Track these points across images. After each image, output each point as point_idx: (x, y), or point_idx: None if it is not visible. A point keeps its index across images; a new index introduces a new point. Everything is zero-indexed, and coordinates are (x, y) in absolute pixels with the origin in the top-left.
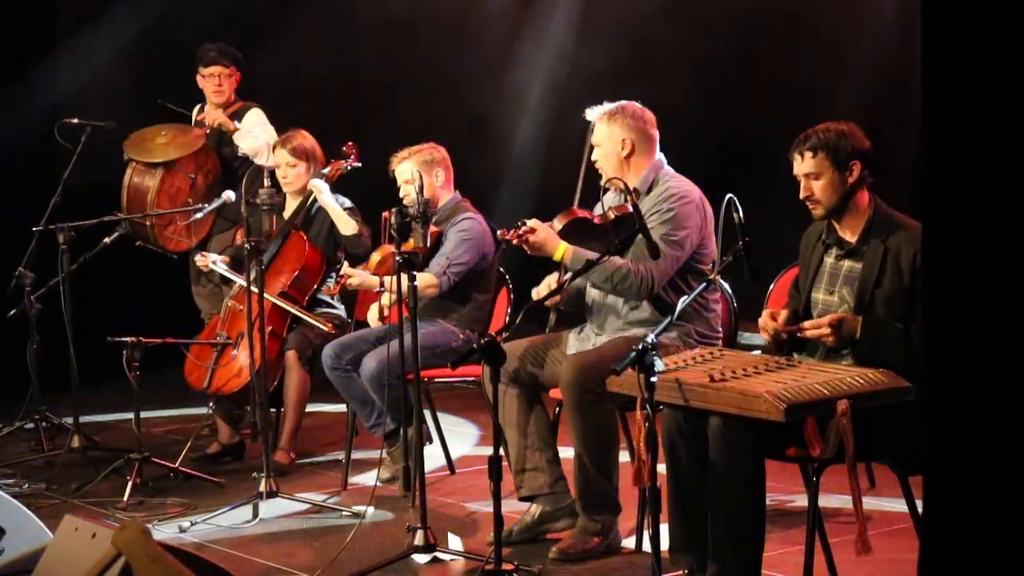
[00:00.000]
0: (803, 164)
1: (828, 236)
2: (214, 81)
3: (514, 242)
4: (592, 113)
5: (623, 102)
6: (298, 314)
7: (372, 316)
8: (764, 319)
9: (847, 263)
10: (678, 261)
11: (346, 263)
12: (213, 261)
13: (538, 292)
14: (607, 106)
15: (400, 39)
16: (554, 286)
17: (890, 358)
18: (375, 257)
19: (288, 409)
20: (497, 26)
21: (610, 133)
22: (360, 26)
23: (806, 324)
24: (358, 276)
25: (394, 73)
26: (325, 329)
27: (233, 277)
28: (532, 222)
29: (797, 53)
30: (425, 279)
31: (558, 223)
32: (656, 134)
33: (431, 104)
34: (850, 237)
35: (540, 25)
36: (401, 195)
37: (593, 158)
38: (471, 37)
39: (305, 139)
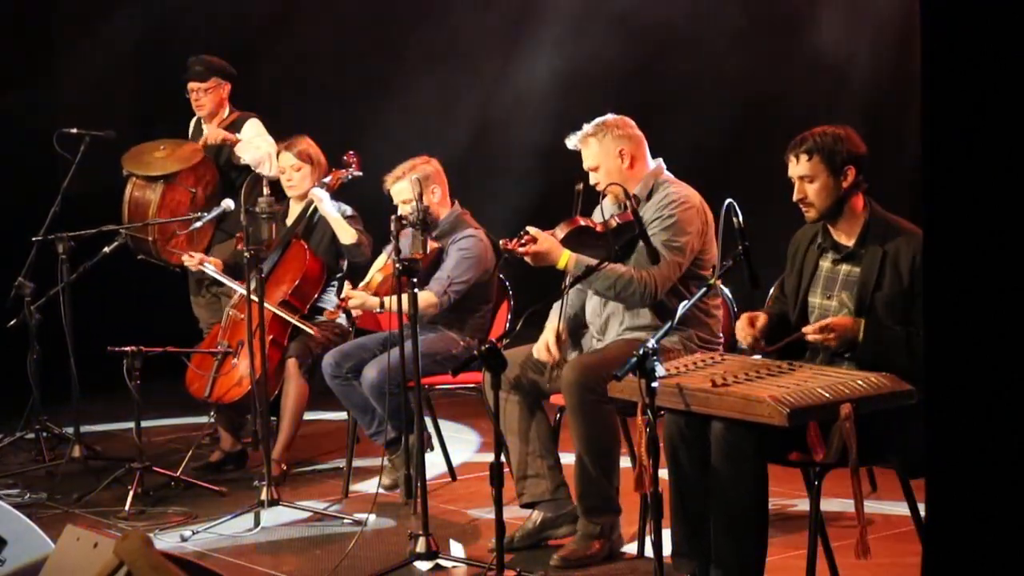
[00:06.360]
0: (798, 166)
1: (823, 240)
2: (192, 96)
3: (517, 252)
4: (572, 140)
5: (600, 118)
6: (298, 324)
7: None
8: (741, 325)
9: (845, 267)
10: (680, 267)
11: (347, 285)
12: (200, 261)
13: (537, 350)
14: (587, 128)
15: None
16: (552, 346)
17: (891, 361)
18: (376, 277)
19: (284, 420)
20: (496, 31)
21: (604, 150)
22: (360, 34)
23: (807, 328)
24: (359, 297)
25: (395, 81)
26: (317, 336)
27: (223, 280)
28: (534, 231)
29: (797, 59)
30: (426, 298)
31: (560, 232)
32: (642, 135)
33: (431, 112)
34: (846, 241)
35: (538, 31)
36: (400, 213)
37: (594, 181)
38: (469, 43)
39: (309, 145)
